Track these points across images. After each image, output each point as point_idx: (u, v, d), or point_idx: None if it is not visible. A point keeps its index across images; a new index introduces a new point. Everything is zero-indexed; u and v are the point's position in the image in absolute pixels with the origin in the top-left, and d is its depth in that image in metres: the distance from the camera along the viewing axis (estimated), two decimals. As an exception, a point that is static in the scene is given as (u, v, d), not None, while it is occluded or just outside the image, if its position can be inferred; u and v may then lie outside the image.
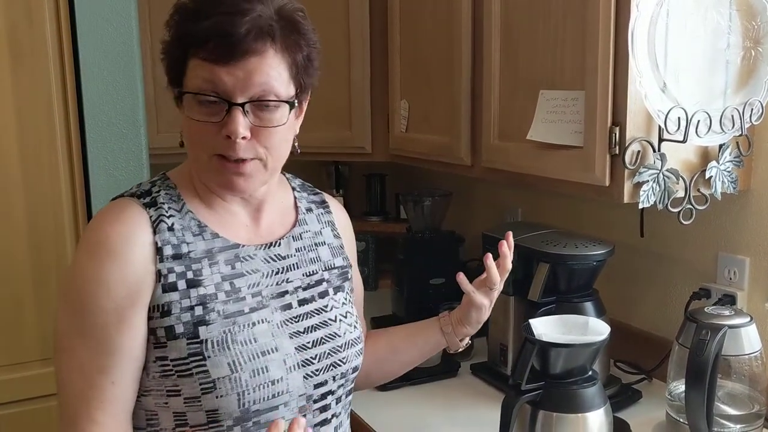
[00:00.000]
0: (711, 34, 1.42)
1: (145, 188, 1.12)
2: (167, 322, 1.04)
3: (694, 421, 1.41)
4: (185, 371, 1.05)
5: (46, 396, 1.78)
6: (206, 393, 1.04)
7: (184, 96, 1.05)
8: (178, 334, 1.04)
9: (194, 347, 1.04)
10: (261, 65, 1.02)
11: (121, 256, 1.03)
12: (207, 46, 1.00)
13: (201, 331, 1.05)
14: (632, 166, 1.40)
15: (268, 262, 1.15)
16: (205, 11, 1.01)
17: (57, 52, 1.70)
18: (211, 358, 1.04)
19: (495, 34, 1.69)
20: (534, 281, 1.67)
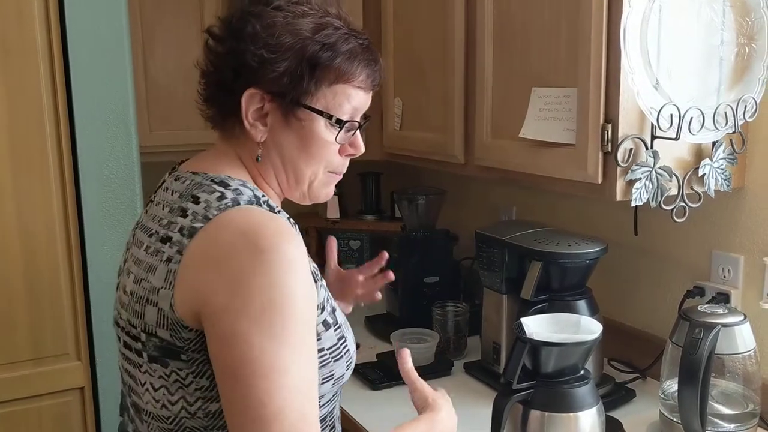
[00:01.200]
0: (704, 30, 1.41)
1: (249, 195, 1.05)
2: (323, 316, 1.08)
3: (688, 420, 1.40)
4: (338, 355, 1.10)
5: (38, 396, 1.78)
6: (349, 368, 1.14)
7: (309, 117, 1.06)
8: (329, 324, 1.09)
9: (339, 332, 1.11)
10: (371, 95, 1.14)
11: (305, 266, 0.99)
12: (361, 77, 1.08)
13: (338, 317, 1.12)
14: (624, 163, 1.39)
15: None
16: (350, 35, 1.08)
17: (47, 50, 1.69)
18: (347, 337, 1.13)
19: (488, 32, 1.68)
20: (526, 280, 1.66)
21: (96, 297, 1.80)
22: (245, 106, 1.05)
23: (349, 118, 1.10)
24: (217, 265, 0.96)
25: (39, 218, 1.73)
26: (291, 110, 1.06)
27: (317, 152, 1.09)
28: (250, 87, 1.05)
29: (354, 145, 1.14)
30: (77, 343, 1.80)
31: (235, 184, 1.05)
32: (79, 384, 1.82)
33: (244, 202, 1.02)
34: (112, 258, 1.78)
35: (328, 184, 1.15)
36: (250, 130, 1.07)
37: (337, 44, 1.06)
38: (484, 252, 1.82)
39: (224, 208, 1.00)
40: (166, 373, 1.02)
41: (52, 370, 1.78)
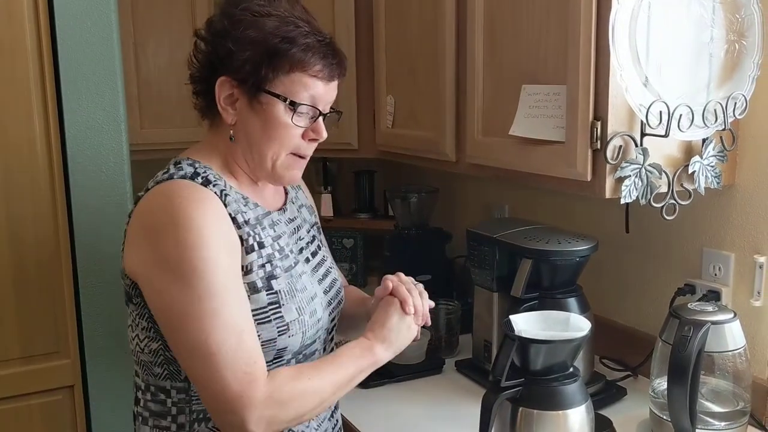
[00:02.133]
0: (694, 27, 1.41)
1: (190, 170, 1.22)
2: (250, 278, 1.20)
3: (677, 418, 1.40)
4: (264, 319, 1.21)
5: (27, 394, 1.77)
6: (281, 334, 1.23)
7: (269, 101, 1.21)
8: (259, 288, 1.21)
9: (271, 297, 1.22)
10: (336, 85, 1.28)
11: (218, 226, 1.16)
12: (316, 67, 1.22)
13: (273, 284, 1.23)
14: (614, 161, 1.39)
15: (287, 225, 1.35)
16: (310, 32, 1.22)
17: (36, 48, 1.69)
18: (284, 305, 1.23)
19: (479, 29, 1.68)
20: (517, 277, 1.65)
21: (85, 294, 1.79)
22: (218, 92, 1.23)
23: (311, 105, 1.23)
24: (142, 228, 1.19)
25: (28, 215, 1.72)
26: (254, 95, 1.22)
27: (277, 134, 1.23)
28: (222, 75, 1.22)
29: (316, 130, 1.26)
30: (67, 341, 1.80)
31: (185, 163, 1.24)
32: (68, 382, 1.81)
33: (178, 176, 1.21)
34: (102, 255, 1.77)
35: (291, 167, 1.28)
36: (222, 114, 1.24)
37: (296, 38, 1.20)
38: (476, 250, 1.82)
39: (160, 181, 1.21)
40: (129, 313, 1.28)
41: (42, 369, 1.78)
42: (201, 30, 1.27)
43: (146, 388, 1.29)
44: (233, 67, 1.21)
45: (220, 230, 1.17)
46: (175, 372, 1.23)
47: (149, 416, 1.29)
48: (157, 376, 1.26)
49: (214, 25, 1.25)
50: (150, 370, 1.27)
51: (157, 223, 1.16)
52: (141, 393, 1.30)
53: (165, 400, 1.27)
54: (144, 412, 1.30)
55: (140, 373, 1.30)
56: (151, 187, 1.22)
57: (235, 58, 1.20)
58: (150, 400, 1.28)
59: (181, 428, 1.26)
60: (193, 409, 1.25)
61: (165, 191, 1.19)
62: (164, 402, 1.27)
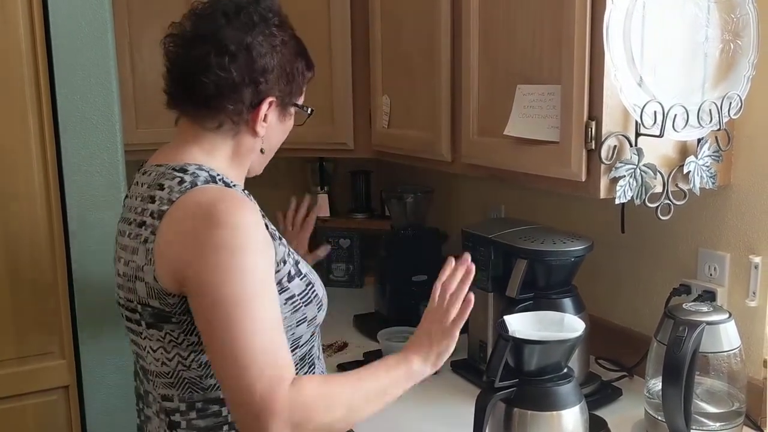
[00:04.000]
0: (689, 26, 1.41)
1: (205, 175, 1.22)
2: (286, 269, 1.25)
3: (672, 418, 1.39)
4: (308, 300, 1.28)
5: (22, 395, 1.77)
6: (320, 310, 1.32)
7: (294, 111, 1.34)
8: (293, 275, 1.26)
9: (305, 279, 1.29)
10: None
11: (261, 228, 1.18)
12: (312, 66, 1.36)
13: (301, 268, 1.29)
14: (608, 161, 1.38)
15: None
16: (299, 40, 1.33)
17: (30, 48, 1.68)
18: (315, 282, 1.32)
19: (474, 28, 1.68)
20: (512, 278, 1.65)
21: (80, 295, 1.79)
22: (264, 109, 1.26)
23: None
24: (184, 238, 1.15)
25: (23, 215, 1.72)
26: (285, 108, 1.31)
27: (283, 138, 1.38)
28: (268, 95, 1.26)
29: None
30: (62, 341, 1.79)
31: (192, 169, 1.22)
32: (63, 383, 1.81)
33: (201, 182, 1.19)
34: (97, 256, 1.77)
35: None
36: (258, 130, 1.28)
37: (304, 51, 1.33)
38: (471, 250, 1.81)
39: (184, 191, 1.18)
40: (161, 335, 1.22)
41: (37, 369, 1.77)
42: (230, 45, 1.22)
43: (189, 407, 1.24)
44: (279, 86, 1.27)
45: (262, 230, 1.18)
46: None
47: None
48: (207, 389, 1.23)
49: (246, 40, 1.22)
50: (197, 386, 1.23)
51: (205, 229, 1.12)
52: (180, 415, 1.25)
53: (219, 410, 1.24)
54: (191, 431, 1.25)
55: (177, 396, 1.24)
56: (177, 199, 1.17)
57: (280, 78, 1.27)
58: (196, 418, 1.24)
59: None
60: None
61: (202, 197, 1.16)
62: (218, 413, 1.24)
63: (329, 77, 2.19)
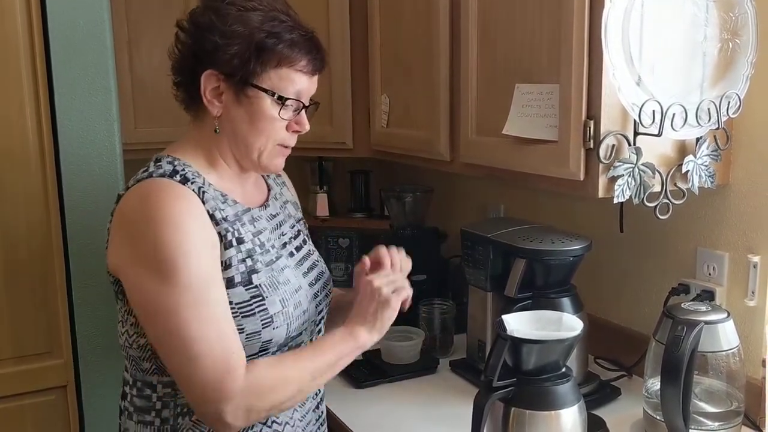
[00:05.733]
0: (687, 25, 1.41)
1: (168, 169, 1.24)
2: (229, 273, 1.22)
3: (670, 418, 1.39)
4: (248, 312, 1.23)
5: (20, 394, 1.77)
6: (266, 327, 1.24)
7: (256, 94, 1.24)
8: (236, 282, 1.23)
9: (253, 291, 1.24)
10: (317, 79, 1.32)
11: (194, 223, 1.19)
12: (302, 62, 1.26)
13: (253, 278, 1.25)
14: (607, 160, 1.38)
15: (269, 221, 1.37)
16: (294, 27, 1.25)
17: (28, 47, 1.68)
18: (267, 298, 1.25)
19: (472, 27, 1.68)
20: (510, 277, 1.65)
21: (78, 294, 1.79)
22: (203, 84, 1.24)
23: (296, 99, 1.27)
24: (122, 225, 1.21)
25: (20, 214, 1.72)
26: (241, 89, 1.24)
27: (264, 127, 1.27)
28: (208, 68, 1.23)
29: (299, 122, 1.31)
30: (59, 341, 1.79)
31: (164, 161, 1.26)
32: (61, 382, 1.81)
33: (157, 174, 1.22)
34: (95, 255, 1.77)
35: (277, 156, 1.32)
36: (208, 106, 1.26)
37: (281, 33, 1.23)
38: (470, 249, 1.82)
39: (140, 179, 1.23)
40: (118, 309, 1.30)
41: (35, 369, 1.77)
42: (183, 21, 1.27)
43: (133, 384, 1.31)
44: (220, 61, 1.23)
45: (198, 226, 1.19)
46: (162, 367, 1.24)
47: (134, 411, 1.31)
48: (144, 372, 1.28)
49: (198, 17, 1.26)
50: (138, 366, 1.29)
51: (135, 221, 1.19)
52: (129, 388, 1.32)
53: (150, 395, 1.28)
54: (130, 407, 1.32)
55: (129, 369, 1.32)
56: (131, 186, 1.24)
57: (222, 52, 1.22)
58: (136, 396, 1.30)
59: (164, 422, 1.28)
60: (177, 402, 1.27)
61: (143, 190, 1.21)
62: (149, 397, 1.29)
63: (328, 77, 2.18)
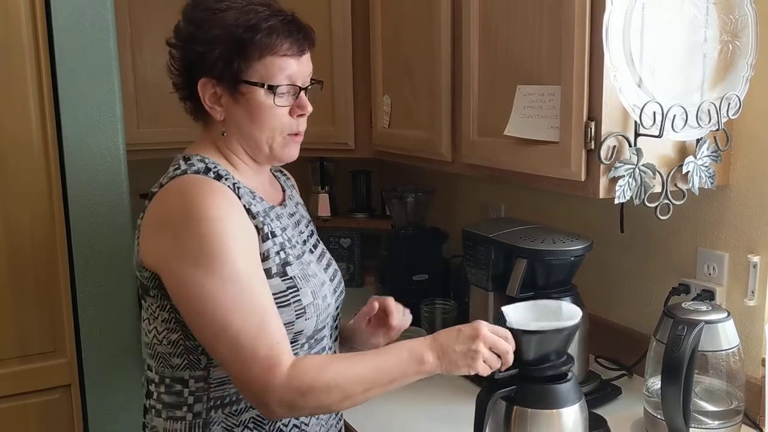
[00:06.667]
0: (688, 27, 1.42)
1: (200, 166, 1.27)
2: (267, 264, 1.26)
3: (671, 417, 1.40)
4: (284, 302, 1.26)
5: (24, 393, 1.78)
6: (299, 317, 1.27)
7: (249, 90, 1.26)
8: (273, 273, 1.26)
9: (288, 282, 1.27)
10: (309, 57, 1.32)
11: (234, 217, 1.22)
12: (284, 46, 1.25)
13: (288, 270, 1.28)
14: (608, 161, 1.39)
15: (289, 218, 1.40)
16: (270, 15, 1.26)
17: (33, 48, 1.69)
18: (301, 289, 1.28)
19: (474, 29, 1.69)
20: (512, 277, 1.66)
21: (82, 293, 1.80)
22: (201, 93, 1.28)
23: (290, 83, 1.27)
24: (160, 221, 1.23)
25: (25, 215, 1.73)
26: (234, 88, 1.26)
27: (265, 118, 1.28)
28: (201, 77, 1.27)
29: (300, 105, 1.31)
30: (64, 340, 1.80)
31: (195, 159, 1.29)
32: (65, 381, 1.82)
33: (192, 171, 1.26)
34: (99, 255, 1.78)
35: (288, 145, 1.33)
36: (211, 112, 1.30)
37: (258, 24, 1.24)
38: (471, 249, 1.82)
39: (173, 176, 1.26)
40: (146, 307, 1.32)
41: (39, 368, 1.78)
42: (171, 38, 1.31)
43: (161, 381, 1.32)
44: (208, 67, 1.26)
45: (237, 220, 1.22)
46: (195, 361, 1.27)
47: (162, 408, 1.32)
48: (175, 368, 1.29)
49: (180, 31, 1.30)
50: (167, 362, 1.30)
51: (175, 217, 1.21)
52: (154, 386, 1.33)
53: (182, 390, 1.30)
54: (157, 404, 1.32)
55: (154, 367, 1.32)
56: (165, 183, 1.26)
57: (206, 59, 1.25)
58: (164, 392, 1.31)
59: (197, 416, 1.29)
60: (211, 396, 1.28)
61: (181, 186, 1.24)
62: (180, 393, 1.30)
63: (330, 77, 2.19)
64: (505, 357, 1.25)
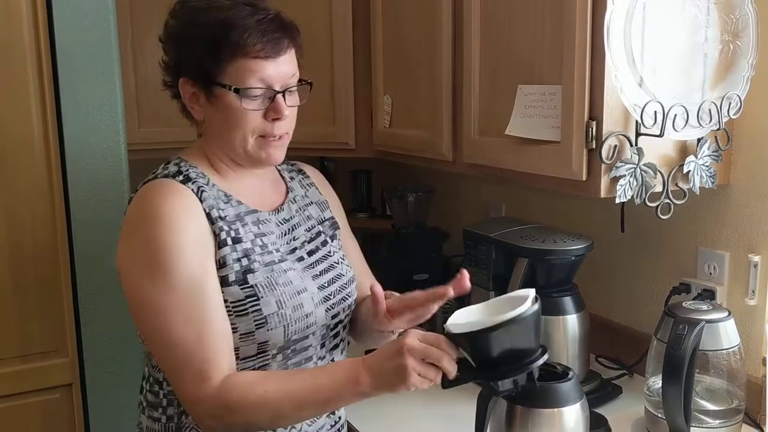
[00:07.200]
0: (689, 27, 1.42)
1: (174, 169, 1.27)
2: (223, 272, 1.23)
3: (672, 416, 1.40)
4: (242, 311, 1.23)
5: (25, 393, 1.78)
6: (259, 327, 1.23)
7: (221, 92, 1.23)
8: (231, 281, 1.23)
9: (248, 290, 1.23)
10: (291, 57, 1.27)
11: (188, 221, 1.21)
12: (257, 47, 1.21)
13: (249, 278, 1.24)
14: (609, 160, 1.39)
15: (279, 226, 1.35)
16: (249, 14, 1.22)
17: (34, 48, 1.69)
18: (262, 298, 1.24)
19: (475, 28, 1.69)
20: (512, 276, 1.66)
21: (83, 293, 1.80)
22: (182, 93, 1.28)
23: (263, 86, 1.23)
24: (124, 228, 1.25)
25: (26, 214, 1.73)
26: (209, 89, 1.25)
27: (235, 121, 1.25)
28: (182, 77, 1.27)
29: (274, 110, 1.25)
30: (65, 339, 1.80)
31: (173, 163, 1.30)
32: (67, 381, 1.82)
33: (162, 176, 1.26)
34: (100, 254, 1.78)
35: (265, 148, 1.28)
36: (192, 112, 1.30)
37: (232, 24, 1.21)
38: (472, 249, 1.83)
39: (146, 182, 1.27)
40: None
41: (40, 367, 1.78)
42: (161, 36, 1.30)
43: (148, 378, 1.35)
44: (186, 67, 1.26)
45: (191, 225, 1.21)
46: None
47: (147, 406, 1.35)
48: (155, 368, 1.31)
49: (167, 29, 1.29)
50: (150, 361, 1.33)
51: (132, 221, 1.24)
52: (145, 382, 1.36)
53: (158, 391, 1.32)
54: (144, 401, 1.36)
55: (145, 364, 1.36)
56: (138, 189, 1.28)
57: (185, 58, 1.26)
58: (148, 390, 1.34)
59: (170, 420, 1.30)
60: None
61: (143, 191, 1.25)
62: (157, 393, 1.32)
63: (331, 77, 2.19)
64: (441, 365, 1.11)
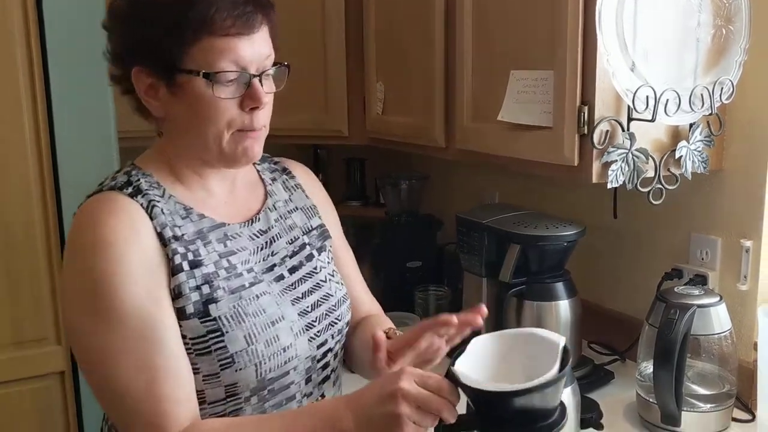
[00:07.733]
0: (681, 12, 1.41)
1: (123, 180, 1.10)
2: (179, 303, 1.05)
3: (663, 400, 1.41)
4: (203, 349, 1.05)
5: (18, 380, 1.77)
6: (225, 368, 1.06)
7: (186, 79, 1.04)
8: (189, 314, 1.05)
9: (210, 324, 1.05)
10: (265, 35, 1.08)
11: (132, 245, 1.02)
12: (226, 23, 1.02)
13: (211, 309, 1.06)
14: (601, 145, 1.39)
15: (253, 239, 1.17)
16: None
17: (23, 35, 1.67)
18: (228, 333, 1.06)
19: (467, 14, 1.68)
20: (505, 262, 1.66)
21: (76, 281, 1.79)
22: (135, 85, 1.08)
23: (237, 69, 1.05)
24: (65, 251, 1.07)
25: (17, 202, 1.72)
26: (171, 78, 1.05)
27: (207, 113, 1.06)
28: (134, 66, 1.07)
29: (251, 96, 1.06)
30: (57, 327, 1.79)
31: (123, 171, 1.12)
32: (59, 368, 1.81)
33: (108, 187, 1.09)
34: (92, 242, 1.77)
35: (242, 143, 1.09)
36: (149, 108, 1.10)
37: (193, 1, 1.02)
38: (465, 235, 1.83)
39: (90, 195, 1.10)
40: None
41: (32, 355, 1.77)
42: (104, 21, 1.11)
43: (106, 420, 1.21)
44: (141, 54, 1.06)
45: (134, 248, 1.02)
46: None
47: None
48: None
49: (114, 10, 1.09)
50: None
51: (68, 246, 1.07)
52: (104, 423, 1.23)
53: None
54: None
55: None
56: (82, 202, 1.10)
57: (139, 44, 1.05)
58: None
59: None
60: None
61: (83, 208, 1.08)
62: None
63: (323, 64, 2.18)
64: (441, 415, 0.92)
